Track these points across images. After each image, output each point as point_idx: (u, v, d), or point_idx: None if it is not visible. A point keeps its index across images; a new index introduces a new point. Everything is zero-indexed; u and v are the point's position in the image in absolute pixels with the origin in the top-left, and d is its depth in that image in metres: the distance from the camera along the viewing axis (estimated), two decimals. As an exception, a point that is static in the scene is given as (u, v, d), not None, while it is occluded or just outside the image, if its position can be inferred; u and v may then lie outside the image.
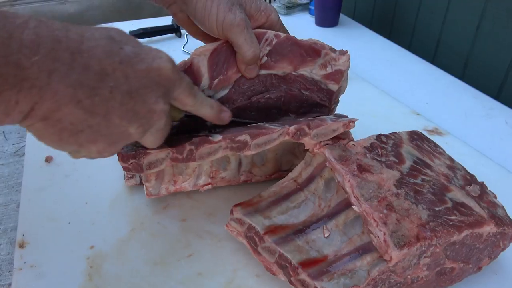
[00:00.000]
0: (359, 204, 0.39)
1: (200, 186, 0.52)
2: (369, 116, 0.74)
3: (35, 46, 0.27)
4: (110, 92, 0.30)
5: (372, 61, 0.95)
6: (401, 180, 0.41)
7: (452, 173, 0.45)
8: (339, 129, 0.44)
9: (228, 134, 0.43)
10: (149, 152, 0.42)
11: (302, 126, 0.43)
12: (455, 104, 0.79)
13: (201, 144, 0.43)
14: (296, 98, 0.49)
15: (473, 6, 0.86)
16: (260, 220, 0.43)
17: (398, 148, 0.45)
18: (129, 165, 0.42)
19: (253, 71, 0.44)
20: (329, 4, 1.06)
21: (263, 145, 0.43)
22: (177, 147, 0.43)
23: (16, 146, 1.82)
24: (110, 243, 0.49)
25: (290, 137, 0.43)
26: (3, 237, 1.44)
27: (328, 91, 0.49)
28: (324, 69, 0.47)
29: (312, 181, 0.45)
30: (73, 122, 0.30)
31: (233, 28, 0.41)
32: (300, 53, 0.46)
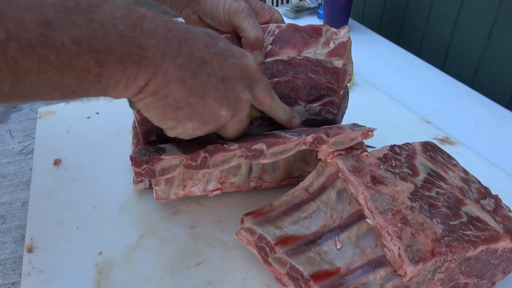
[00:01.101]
0: (373, 217, 0.38)
1: (209, 191, 0.52)
2: (378, 123, 0.72)
3: (152, 32, 0.32)
4: (208, 76, 0.36)
5: (380, 66, 0.95)
6: (415, 193, 0.41)
7: (466, 186, 0.44)
8: (358, 138, 0.44)
9: (244, 142, 0.42)
10: (162, 158, 0.42)
11: (320, 134, 0.42)
12: (465, 113, 0.78)
13: (215, 152, 0.42)
14: (304, 82, 0.49)
15: (485, 13, 0.86)
16: (271, 230, 0.43)
17: (412, 160, 0.45)
18: (142, 170, 0.42)
19: (258, 57, 0.46)
20: (338, 8, 1.06)
21: (279, 154, 0.43)
22: (191, 154, 0.42)
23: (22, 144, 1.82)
24: (119, 250, 0.49)
25: (307, 146, 0.43)
26: (7, 235, 1.44)
27: (334, 69, 0.48)
28: (327, 46, 0.48)
29: (324, 191, 0.45)
30: (176, 99, 0.35)
31: (237, 14, 0.45)
32: (302, 36, 0.48)
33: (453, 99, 0.83)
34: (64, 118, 0.71)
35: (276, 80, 0.48)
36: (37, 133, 0.69)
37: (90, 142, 0.66)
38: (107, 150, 0.64)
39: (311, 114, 0.51)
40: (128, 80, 0.32)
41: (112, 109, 0.73)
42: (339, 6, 1.06)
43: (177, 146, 0.44)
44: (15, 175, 1.66)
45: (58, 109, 0.74)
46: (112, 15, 0.30)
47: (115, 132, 0.68)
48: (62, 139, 0.67)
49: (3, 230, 1.45)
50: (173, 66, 0.34)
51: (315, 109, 0.50)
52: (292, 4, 1.24)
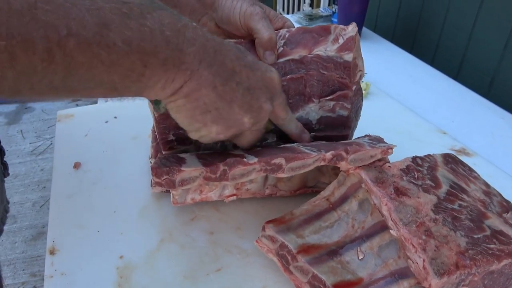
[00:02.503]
0: (397, 228, 0.38)
1: (225, 196, 0.52)
2: (394, 133, 0.73)
3: (193, 40, 0.35)
4: (236, 85, 0.38)
5: (394, 76, 0.95)
6: (438, 205, 0.41)
7: (488, 199, 0.44)
8: (377, 156, 0.44)
9: (263, 157, 0.43)
10: (183, 169, 0.42)
11: (339, 152, 0.43)
12: (481, 124, 0.78)
13: (235, 165, 0.43)
14: (316, 79, 0.49)
15: (501, 24, 0.86)
16: (293, 238, 0.43)
17: (434, 172, 0.45)
18: (162, 181, 0.42)
19: (271, 57, 0.49)
20: (352, 16, 1.06)
21: (297, 169, 0.43)
22: (211, 167, 0.42)
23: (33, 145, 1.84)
24: (139, 254, 0.49)
25: (326, 163, 0.43)
26: (18, 235, 1.45)
27: (344, 63, 0.49)
28: (337, 42, 0.49)
29: (345, 201, 0.45)
30: (206, 102, 0.37)
31: (252, 16, 0.48)
32: (312, 36, 0.50)
33: (468, 109, 0.83)
34: (83, 122, 0.72)
35: (290, 77, 0.49)
36: (56, 136, 0.70)
37: (109, 146, 0.67)
38: (126, 155, 0.65)
39: (325, 110, 0.51)
40: (166, 81, 0.35)
41: (129, 114, 0.73)
42: (353, 15, 1.06)
43: (197, 156, 0.45)
44: (26, 175, 1.68)
45: (77, 113, 0.75)
46: (160, 22, 0.33)
47: (133, 136, 0.68)
48: (81, 143, 0.68)
49: (14, 230, 1.47)
50: (208, 72, 0.36)
51: (329, 105, 0.51)
52: (305, 11, 1.25)
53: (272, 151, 0.44)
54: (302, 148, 0.45)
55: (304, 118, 0.51)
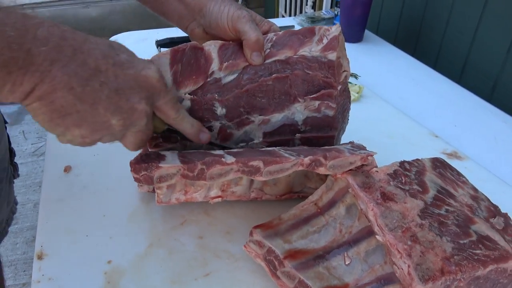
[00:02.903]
0: (382, 234, 0.38)
1: (211, 198, 0.52)
2: (386, 137, 0.73)
3: (45, 40, 0.33)
4: (100, 86, 0.36)
5: (397, 79, 0.95)
6: (425, 210, 0.41)
7: (476, 204, 0.44)
8: (357, 162, 0.44)
9: (242, 157, 0.43)
10: (160, 166, 0.42)
11: (317, 157, 0.43)
12: (483, 128, 0.78)
13: (212, 164, 0.43)
14: (301, 78, 0.50)
15: (505, 28, 0.85)
16: (280, 243, 0.43)
17: (422, 176, 0.45)
18: (140, 177, 0.43)
19: (258, 58, 0.49)
20: (354, 19, 1.06)
21: (275, 173, 0.43)
22: (188, 164, 0.42)
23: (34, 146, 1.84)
24: (128, 259, 0.49)
25: (304, 167, 0.43)
26: (19, 236, 1.45)
27: (328, 63, 0.50)
28: (321, 42, 0.50)
29: (333, 205, 0.45)
30: (64, 105, 0.35)
31: (240, 19, 0.49)
32: (297, 38, 0.50)
33: (470, 114, 0.82)
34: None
35: (275, 76, 0.50)
36: (48, 139, 0.70)
37: (100, 149, 0.66)
38: (116, 158, 0.65)
39: (311, 110, 0.51)
40: (13, 85, 0.33)
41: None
42: (355, 17, 1.06)
43: (178, 154, 0.45)
44: (27, 176, 1.68)
45: (69, 116, 0.74)
46: (3, 22, 0.32)
47: (125, 140, 0.68)
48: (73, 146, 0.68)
49: (15, 231, 1.46)
50: (62, 73, 0.34)
51: (314, 104, 0.51)
52: (307, 14, 1.25)
53: (252, 153, 0.44)
54: (282, 152, 0.44)
55: (290, 119, 0.51)
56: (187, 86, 0.48)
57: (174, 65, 0.47)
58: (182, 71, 0.47)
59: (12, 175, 0.76)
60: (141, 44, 1.11)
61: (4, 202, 0.73)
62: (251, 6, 2.56)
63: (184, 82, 0.48)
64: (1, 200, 0.72)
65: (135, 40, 1.13)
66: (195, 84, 0.48)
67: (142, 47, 1.10)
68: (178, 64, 0.47)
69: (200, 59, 0.48)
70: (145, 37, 1.14)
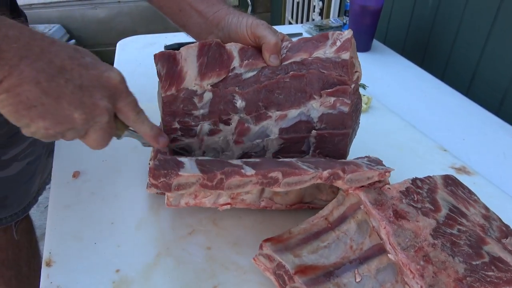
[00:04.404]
0: (395, 252, 0.38)
1: (220, 204, 0.52)
2: (394, 149, 0.73)
3: (15, 38, 0.36)
4: (65, 82, 0.39)
5: (404, 90, 0.95)
6: (437, 229, 0.41)
7: (487, 224, 0.44)
8: (374, 178, 0.44)
9: (261, 169, 0.43)
10: (180, 174, 0.42)
11: (336, 170, 0.43)
12: (491, 142, 0.78)
13: (232, 175, 0.43)
14: (316, 77, 0.52)
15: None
16: (290, 258, 0.43)
17: (434, 194, 0.45)
18: (159, 183, 0.43)
19: (275, 60, 0.52)
20: (363, 29, 1.07)
21: (294, 184, 0.43)
22: (208, 174, 0.43)
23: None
24: (136, 268, 0.49)
25: (322, 181, 0.43)
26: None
27: (342, 62, 0.52)
28: (334, 45, 0.53)
29: (344, 221, 0.45)
30: (30, 98, 0.38)
31: (259, 26, 0.52)
32: (312, 43, 0.53)
33: (479, 128, 0.82)
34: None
35: (292, 74, 0.52)
36: (56, 144, 0.70)
37: (109, 155, 0.67)
38: (125, 165, 0.65)
39: (326, 107, 0.52)
40: None
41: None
42: (364, 26, 1.06)
43: (196, 162, 0.45)
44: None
45: (78, 120, 0.74)
46: None
47: (133, 146, 0.68)
48: (81, 151, 0.68)
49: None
50: (30, 68, 0.37)
51: (330, 101, 0.52)
52: (315, 22, 1.25)
53: (270, 164, 0.44)
54: (300, 164, 0.45)
55: (306, 115, 0.53)
56: (210, 78, 0.50)
57: (200, 57, 0.50)
58: (207, 64, 0.50)
59: (52, 149, 0.82)
60: (149, 49, 1.11)
61: (39, 175, 0.81)
62: (258, 11, 2.56)
63: (208, 74, 0.50)
64: (37, 173, 0.80)
65: (143, 44, 1.13)
66: (217, 77, 0.51)
67: (150, 51, 1.10)
68: (204, 57, 0.50)
69: (224, 55, 0.51)
70: (153, 42, 1.15)
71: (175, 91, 0.50)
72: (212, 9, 0.56)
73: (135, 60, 1.05)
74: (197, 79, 0.50)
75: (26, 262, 0.94)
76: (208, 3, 0.57)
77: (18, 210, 0.80)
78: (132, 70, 0.99)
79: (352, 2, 1.07)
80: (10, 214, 0.79)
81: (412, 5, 1.16)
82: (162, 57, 0.49)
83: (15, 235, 0.85)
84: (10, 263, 0.89)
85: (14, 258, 0.89)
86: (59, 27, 2.37)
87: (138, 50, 1.11)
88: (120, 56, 1.08)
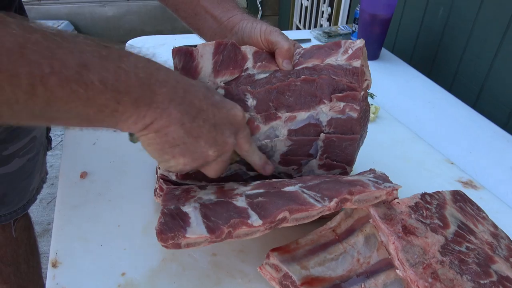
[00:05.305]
0: (403, 268, 0.38)
1: None
2: (402, 160, 0.73)
3: (164, 82, 0.39)
4: (203, 122, 0.42)
5: (412, 100, 0.95)
6: (446, 246, 0.41)
7: (496, 242, 0.44)
8: (382, 197, 0.43)
9: (267, 216, 0.42)
10: (188, 237, 0.42)
11: (343, 196, 0.42)
12: (498, 157, 0.77)
13: (239, 226, 0.42)
14: (327, 82, 0.53)
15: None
16: (297, 269, 0.43)
17: (442, 210, 0.45)
18: (168, 245, 0.42)
19: (288, 65, 0.54)
20: (373, 37, 1.07)
21: (302, 219, 0.43)
22: (215, 233, 0.42)
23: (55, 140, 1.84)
24: (142, 272, 0.49)
25: (331, 211, 0.43)
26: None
27: (353, 69, 0.53)
28: (346, 53, 0.53)
29: (351, 233, 0.45)
30: (175, 137, 0.41)
31: (273, 32, 0.54)
32: (324, 50, 0.55)
33: (486, 141, 0.81)
34: (91, 130, 0.72)
35: (303, 78, 0.53)
36: (64, 144, 0.70)
37: (116, 156, 0.67)
38: (133, 166, 0.65)
39: (336, 112, 0.53)
40: (138, 117, 0.38)
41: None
42: (374, 35, 1.06)
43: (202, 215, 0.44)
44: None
45: (86, 120, 0.75)
46: (135, 65, 0.37)
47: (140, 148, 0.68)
48: (89, 152, 0.68)
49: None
50: (177, 111, 0.40)
51: (339, 105, 0.53)
52: (323, 28, 1.26)
53: (276, 205, 0.43)
54: (306, 196, 0.44)
55: (315, 119, 0.53)
56: (224, 75, 0.52)
57: (216, 55, 0.51)
58: (222, 62, 0.51)
59: (46, 148, 0.86)
60: (158, 50, 1.11)
61: (38, 172, 0.83)
62: (266, 14, 2.57)
63: (222, 72, 0.51)
64: (36, 170, 0.81)
65: (152, 45, 1.14)
66: (231, 75, 0.52)
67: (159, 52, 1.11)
68: (220, 55, 0.51)
69: (238, 55, 0.52)
70: (162, 43, 1.15)
71: None
72: (227, 14, 0.57)
73: (144, 61, 1.05)
74: (211, 76, 0.51)
75: (24, 259, 0.94)
76: (223, 9, 0.57)
77: (17, 208, 0.80)
78: (140, 71, 0.99)
79: (362, 10, 1.07)
80: (9, 212, 0.79)
81: (421, 16, 1.16)
82: (179, 52, 0.50)
83: (13, 233, 0.85)
84: (9, 260, 0.89)
85: (13, 255, 0.90)
86: (67, 23, 2.38)
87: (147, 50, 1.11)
88: (129, 56, 1.08)
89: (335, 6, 1.82)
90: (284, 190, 0.46)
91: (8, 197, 0.77)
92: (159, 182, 0.57)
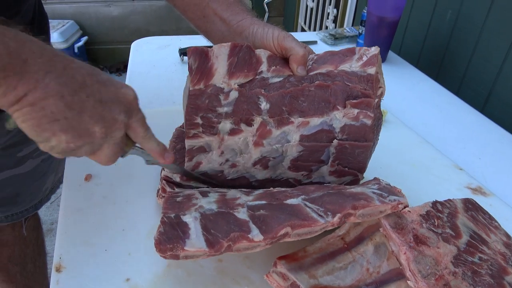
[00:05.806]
0: (415, 280, 0.37)
1: None
2: (409, 166, 0.72)
3: (39, 54, 0.37)
4: (86, 96, 0.39)
5: (419, 104, 0.94)
6: (458, 257, 0.40)
7: (509, 252, 0.43)
8: (387, 211, 0.42)
9: (269, 231, 0.42)
10: (186, 249, 0.41)
11: (346, 211, 0.41)
12: (507, 162, 0.76)
13: (239, 240, 0.41)
14: (341, 89, 0.52)
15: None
16: (305, 278, 0.42)
17: (454, 219, 0.44)
18: (166, 256, 0.41)
19: (302, 71, 0.53)
20: (380, 40, 1.06)
21: (304, 235, 0.42)
22: (214, 247, 0.41)
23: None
24: (146, 278, 0.48)
25: (334, 226, 0.42)
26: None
27: (367, 76, 0.52)
28: (361, 60, 0.53)
29: (361, 242, 0.44)
30: (54, 111, 0.38)
31: (286, 38, 0.53)
32: (338, 56, 0.54)
33: (495, 146, 0.80)
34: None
35: (317, 83, 0.53)
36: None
37: (121, 159, 0.66)
38: (137, 169, 0.64)
39: (349, 118, 0.52)
40: (7, 88, 0.36)
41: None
42: (381, 38, 1.05)
43: (202, 226, 0.43)
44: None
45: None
46: (5, 35, 0.35)
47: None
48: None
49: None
50: (55, 83, 0.37)
51: (353, 112, 0.52)
52: (329, 30, 1.25)
53: (277, 220, 0.42)
54: (309, 210, 0.43)
55: (328, 125, 0.52)
56: (238, 77, 0.51)
57: (231, 57, 0.51)
58: (236, 64, 0.51)
59: None
60: (163, 51, 1.11)
61: (53, 173, 0.82)
62: (271, 15, 2.56)
63: (236, 74, 0.51)
64: (50, 171, 0.80)
65: (157, 46, 1.13)
66: (245, 78, 0.52)
67: (164, 53, 1.10)
68: (235, 57, 0.51)
69: (253, 58, 0.52)
70: (167, 44, 1.15)
71: (203, 86, 0.50)
72: (236, 18, 0.56)
73: (149, 62, 1.04)
74: (225, 77, 0.51)
75: (31, 258, 0.94)
76: (233, 12, 0.57)
77: (29, 207, 0.80)
78: (146, 72, 0.98)
79: (369, 12, 1.06)
80: (20, 210, 0.79)
81: (429, 19, 1.15)
82: (195, 52, 0.50)
83: (24, 231, 0.86)
84: (16, 259, 0.89)
85: (21, 254, 0.90)
86: (72, 23, 2.38)
87: (152, 51, 1.11)
88: (134, 57, 1.08)
89: (341, 8, 1.81)
90: (287, 203, 0.45)
91: (21, 196, 0.77)
92: (162, 183, 0.56)
